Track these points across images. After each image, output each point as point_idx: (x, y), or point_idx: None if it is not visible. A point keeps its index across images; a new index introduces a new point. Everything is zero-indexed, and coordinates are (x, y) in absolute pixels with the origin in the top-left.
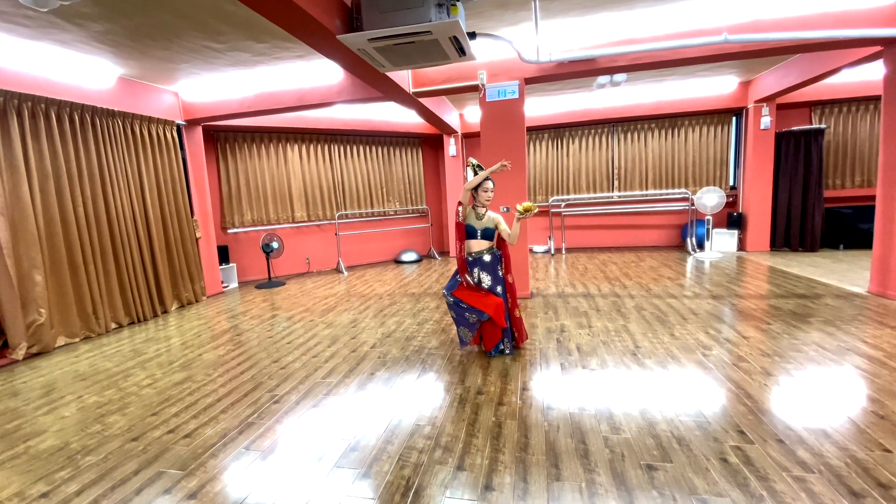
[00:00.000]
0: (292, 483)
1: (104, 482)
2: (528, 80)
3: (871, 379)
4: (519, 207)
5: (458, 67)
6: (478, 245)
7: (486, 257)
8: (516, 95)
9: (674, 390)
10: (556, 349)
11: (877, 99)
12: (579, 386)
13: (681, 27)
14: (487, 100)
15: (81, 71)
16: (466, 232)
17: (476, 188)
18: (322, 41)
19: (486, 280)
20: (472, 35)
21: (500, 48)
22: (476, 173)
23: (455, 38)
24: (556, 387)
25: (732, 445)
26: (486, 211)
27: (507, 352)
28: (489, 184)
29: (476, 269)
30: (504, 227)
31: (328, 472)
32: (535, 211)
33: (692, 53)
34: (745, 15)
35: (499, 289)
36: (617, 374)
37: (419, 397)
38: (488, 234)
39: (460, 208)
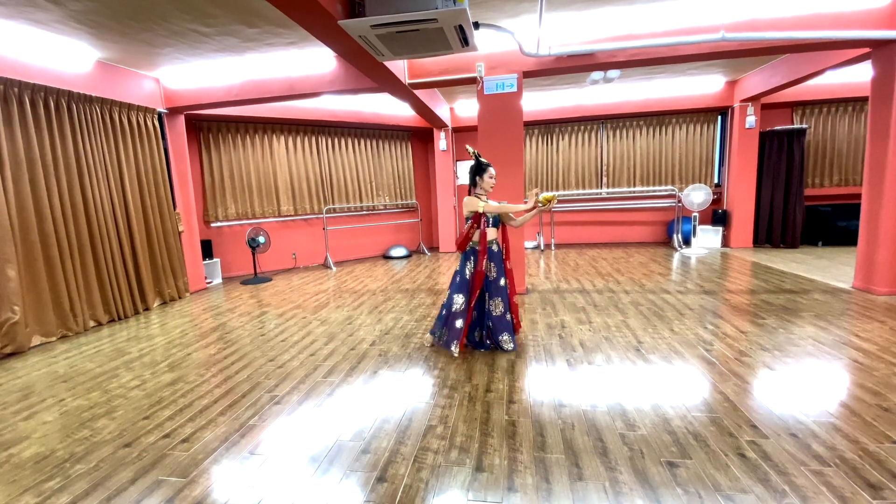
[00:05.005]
0: (305, 489)
1: (98, 492)
2: (527, 74)
3: (870, 372)
4: (543, 197)
5: (455, 59)
6: (491, 234)
7: (495, 247)
8: (514, 89)
9: (682, 385)
10: (560, 345)
11: (855, 100)
12: (588, 382)
13: (679, 24)
14: (485, 93)
15: (57, 54)
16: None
17: (481, 175)
18: (321, 26)
19: (493, 271)
20: (476, 25)
21: (497, 41)
22: (476, 159)
23: (460, 26)
24: (564, 383)
25: (748, 440)
26: (487, 199)
27: (511, 347)
28: (492, 170)
29: (487, 259)
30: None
31: (342, 477)
32: (556, 201)
33: (689, 51)
34: (741, 14)
35: (502, 281)
36: (623, 369)
37: (427, 396)
38: (497, 221)
39: (480, 203)
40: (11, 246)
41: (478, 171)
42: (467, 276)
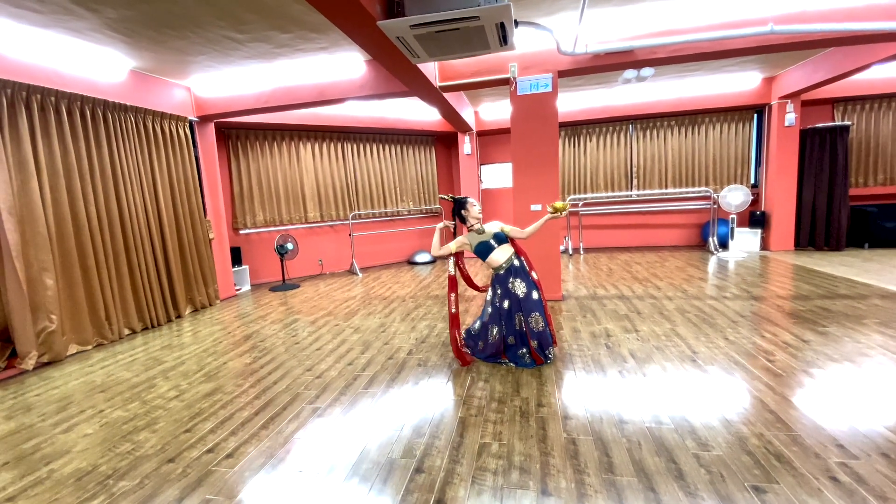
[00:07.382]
0: None
1: None
2: (562, 73)
3: None
4: (553, 205)
5: (487, 60)
6: (502, 254)
7: (517, 262)
8: (549, 89)
9: (750, 400)
10: (608, 355)
11: None
12: (645, 396)
13: (724, 17)
14: (518, 94)
15: (92, 63)
16: (481, 251)
17: (464, 209)
18: (360, 28)
19: (522, 287)
20: (515, 23)
21: (531, 40)
22: (452, 200)
23: (501, 24)
24: (620, 397)
25: (837, 461)
26: (482, 225)
27: (549, 360)
28: (471, 199)
29: (511, 279)
30: (510, 227)
31: (398, 500)
32: (568, 209)
33: (735, 45)
34: (790, 5)
35: (535, 294)
36: (682, 381)
37: (474, 410)
38: (501, 238)
39: (451, 259)
40: (49, 254)
41: (459, 209)
42: (498, 306)
